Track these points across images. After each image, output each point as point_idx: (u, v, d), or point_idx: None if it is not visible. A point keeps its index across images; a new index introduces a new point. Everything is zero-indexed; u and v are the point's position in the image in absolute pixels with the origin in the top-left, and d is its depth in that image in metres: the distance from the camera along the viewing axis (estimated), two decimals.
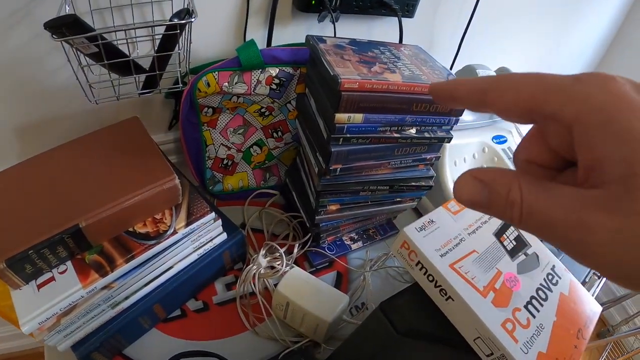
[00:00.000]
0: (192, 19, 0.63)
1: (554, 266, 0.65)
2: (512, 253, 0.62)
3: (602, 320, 2.63)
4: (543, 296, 0.59)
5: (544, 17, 1.43)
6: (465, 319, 0.52)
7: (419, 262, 0.55)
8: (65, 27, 0.55)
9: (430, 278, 0.54)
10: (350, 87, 0.62)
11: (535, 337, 0.52)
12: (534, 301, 0.57)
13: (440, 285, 0.53)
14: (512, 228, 0.66)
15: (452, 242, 0.58)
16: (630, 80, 0.23)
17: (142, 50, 0.80)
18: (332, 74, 0.62)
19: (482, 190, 0.26)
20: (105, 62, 0.61)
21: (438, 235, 0.58)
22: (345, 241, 0.95)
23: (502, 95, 0.26)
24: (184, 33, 0.66)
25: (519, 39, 1.46)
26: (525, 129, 1.07)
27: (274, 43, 0.91)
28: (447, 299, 0.53)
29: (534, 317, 0.55)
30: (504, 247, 0.62)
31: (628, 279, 0.22)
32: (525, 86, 0.25)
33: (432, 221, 0.60)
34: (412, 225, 0.58)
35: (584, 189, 0.22)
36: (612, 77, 0.23)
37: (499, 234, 0.64)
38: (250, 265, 0.81)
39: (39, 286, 0.58)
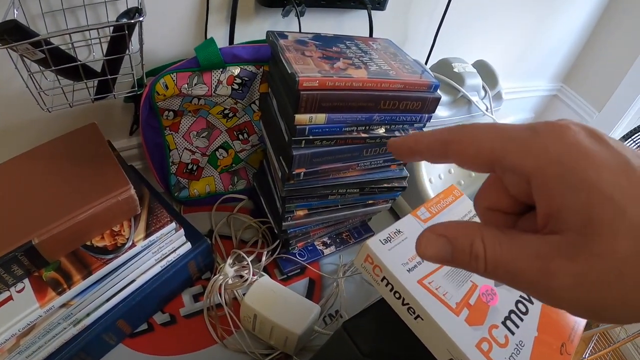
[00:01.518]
0: (141, 19, 0.62)
1: None
2: None
3: None
4: (523, 309, 0.58)
5: (522, 8, 1.46)
6: (436, 339, 0.51)
7: (384, 278, 0.54)
8: (7, 33, 0.55)
9: (397, 295, 0.53)
10: (310, 86, 0.62)
11: (514, 357, 0.51)
12: (512, 316, 0.56)
13: (407, 303, 0.52)
14: None
15: None
16: (583, 126, 0.26)
17: (99, 53, 0.79)
18: (290, 71, 0.62)
19: (445, 246, 0.28)
20: (53, 68, 0.60)
21: (406, 247, 0.56)
22: (317, 246, 0.96)
23: (463, 149, 0.28)
24: (135, 34, 0.65)
25: (496, 31, 1.48)
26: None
27: (237, 40, 0.91)
28: (416, 318, 0.51)
29: (512, 334, 0.54)
30: None
31: (593, 315, 0.24)
32: (485, 140, 0.27)
33: (399, 231, 0.58)
34: (377, 237, 0.56)
35: (544, 235, 0.25)
36: (567, 126, 0.25)
37: None
38: (217, 276, 0.82)
39: None
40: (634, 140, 1.68)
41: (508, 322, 0.55)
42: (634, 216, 0.22)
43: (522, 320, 0.56)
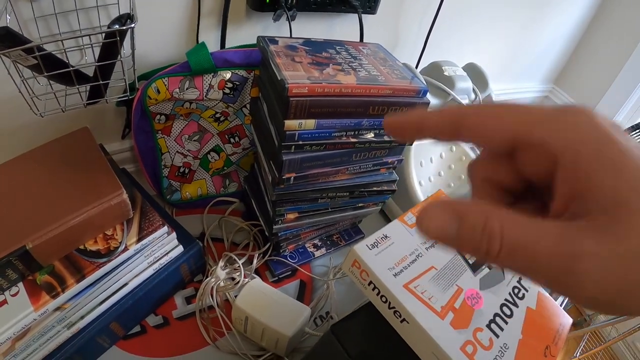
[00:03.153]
0: (132, 25, 0.63)
1: (520, 278, 0.65)
2: (475, 267, 0.62)
3: (578, 310, 2.69)
4: (508, 312, 0.59)
5: (513, 10, 1.47)
6: (422, 342, 0.52)
7: (371, 282, 0.55)
8: None
9: (384, 299, 0.54)
10: (299, 92, 0.63)
11: (498, 359, 0.52)
12: (497, 319, 0.57)
13: (394, 307, 0.53)
14: None
15: (408, 259, 0.58)
16: (604, 115, 0.25)
17: (91, 58, 0.80)
18: (279, 77, 0.63)
19: (452, 220, 0.24)
20: (45, 73, 0.61)
21: (392, 252, 0.58)
22: (308, 248, 0.98)
23: (482, 121, 0.27)
24: (127, 39, 0.66)
25: (487, 34, 1.49)
26: None
27: (228, 45, 0.92)
28: (402, 321, 0.53)
29: (497, 336, 0.55)
30: (466, 261, 0.62)
31: (613, 301, 0.23)
32: (509, 114, 0.26)
33: (386, 236, 0.59)
34: (364, 243, 0.58)
35: (566, 220, 0.24)
36: (595, 112, 0.24)
37: None
38: (209, 278, 0.83)
39: None
40: None
41: (493, 325, 0.56)
42: None
43: (506, 323, 0.57)
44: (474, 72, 1.14)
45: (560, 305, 0.68)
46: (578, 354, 2.33)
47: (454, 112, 0.28)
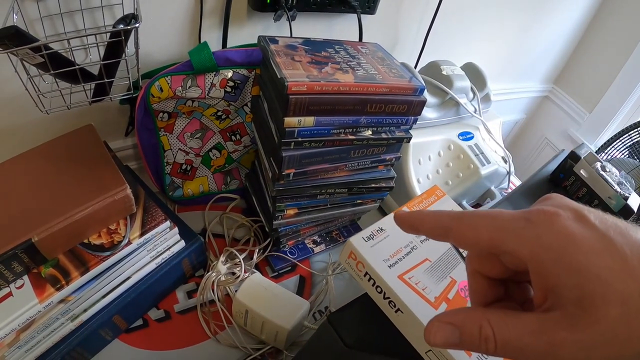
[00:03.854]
0: (137, 25, 0.64)
1: None
2: None
3: None
4: None
5: (512, 10, 1.47)
6: (416, 331, 0.53)
7: (366, 273, 0.56)
8: (7, 38, 0.57)
9: (379, 290, 0.55)
10: (298, 90, 0.64)
11: None
12: None
13: (388, 297, 0.54)
14: None
15: (403, 251, 0.59)
16: (572, 209, 0.30)
17: (96, 57, 0.82)
18: (279, 76, 0.64)
19: (453, 332, 0.31)
20: (52, 72, 0.63)
21: (387, 244, 0.59)
22: (307, 244, 0.99)
23: (463, 235, 0.33)
24: (131, 39, 0.68)
25: (486, 33, 1.50)
26: (491, 126, 1.11)
27: (230, 44, 0.94)
28: (396, 311, 0.54)
29: None
30: (460, 253, 0.63)
31: None
32: (484, 230, 0.32)
33: (381, 229, 0.60)
34: (359, 235, 0.59)
35: (543, 312, 0.29)
36: (556, 214, 0.30)
37: None
38: (210, 273, 0.84)
39: None
40: (623, 141, 1.70)
41: None
42: (619, 289, 0.26)
43: None
44: (472, 72, 1.15)
45: None
46: None
47: (443, 223, 0.34)
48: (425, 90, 0.75)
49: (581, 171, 1.00)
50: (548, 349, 0.27)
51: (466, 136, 1.14)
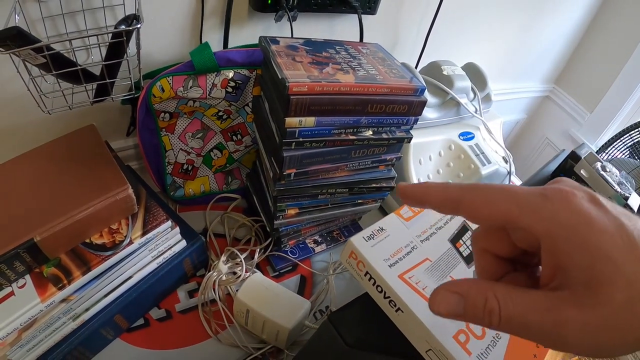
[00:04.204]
0: (139, 26, 0.64)
1: None
2: (469, 260, 0.63)
3: None
4: None
5: (513, 10, 1.47)
6: (416, 330, 0.53)
7: (367, 273, 0.56)
8: (10, 39, 0.57)
9: (379, 289, 0.55)
10: (299, 91, 0.64)
11: (490, 348, 0.53)
12: None
13: (389, 297, 0.54)
14: (469, 233, 0.67)
15: (403, 251, 0.59)
16: (586, 192, 0.30)
17: (97, 57, 0.82)
18: (280, 77, 0.64)
19: (458, 302, 0.30)
20: (54, 72, 0.63)
21: (388, 244, 0.59)
22: (308, 244, 0.99)
23: (476, 208, 0.32)
24: (132, 39, 0.68)
25: (487, 33, 1.50)
26: (492, 126, 1.11)
27: (231, 44, 0.94)
28: (396, 311, 0.54)
29: None
30: (460, 253, 0.63)
31: (598, 354, 0.28)
32: (499, 202, 0.31)
33: (382, 229, 0.61)
34: (360, 235, 0.59)
35: (551, 290, 0.29)
36: (572, 193, 0.29)
37: (454, 239, 0.65)
38: (211, 272, 0.84)
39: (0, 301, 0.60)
40: (623, 141, 1.70)
41: None
42: (628, 271, 0.26)
43: None
44: (473, 72, 1.15)
45: None
46: None
47: (453, 195, 0.32)
48: (426, 90, 0.75)
49: (581, 171, 1.01)
50: (553, 327, 0.27)
51: (467, 136, 1.14)
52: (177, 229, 0.76)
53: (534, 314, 0.28)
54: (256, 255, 0.92)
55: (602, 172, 0.99)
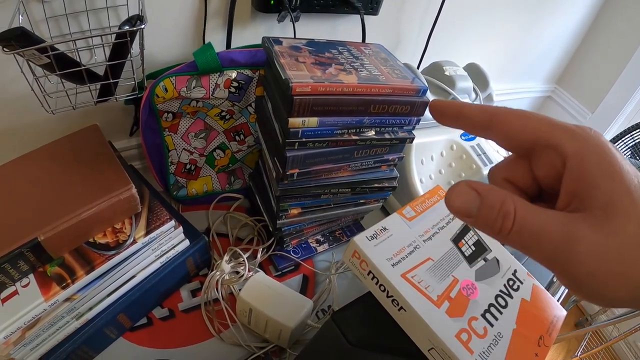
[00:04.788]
0: (142, 26, 0.65)
1: (515, 271, 0.67)
2: (471, 259, 0.64)
3: (580, 310, 2.70)
4: (502, 303, 0.60)
5: (513, 11, 1.47)
6: (418, 329, 0.53)
7: (370, 272, 0.56)
8: (14, 40, 0.57)
9: (382, 288, 0.55)
10: (302, 91, 0.64)
11: (492, 347, 0.53)
12: (492, 309, 0.58)
13: (392, 296, 0.54)
14: (471, 233, 0.67)
15: (406, 250, 0.59)
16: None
17: (101, 57, 0.82)
18: (283, 77, 0.64)
19: (474, 199, 0.29)
20: (57, 72, 0.63)
21: (390, 244, 0.59)
22: (310, 244, 0.99)
23: (510, 121, 0.32)
24: (136, 40, 0.68)
25: (489, 34, 1.50)
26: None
27: (234, 45, 0.94)
28: (399, 309, 0.54)
29: (491, 325, 0.56)
30: (462, 253, 0.63)
31: (598, 293, 0.28)
32: (533, 119, 0.31)
33: (384, 229, 0.61)
34: (363, 234, 0.59)
35: (568, 212, 0.29)
36: (600, 133, 0.30)
37: (456, 239, 0.65)
38: (214, 272, 0.84)
39: (3, 300, 0.60)
40: (625, 141, 1.71)
41: (487, 315, 0.57)
42: None
43: (501, 313, 0.58)
44: (475, 72, 1.16)
45: (558, 300, 0.69)
46: (579, 353, 2.34)
47: (489, 109, 0.33)
48: (428, 90, 0.76)
49: None
50: (565, 241, 0.27)
51: (468, 136, 1.14)
52: (180, 228, 0.77)
53: (548, 224, 0.28)
54: (259, 255, 0.92)
55: None
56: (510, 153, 0.35)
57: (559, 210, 0.30)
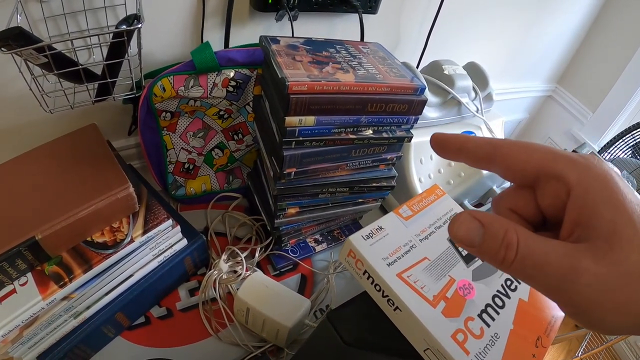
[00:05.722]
0: (140, 25, 0.65)
1: None
2: (468, 259, 0.63)
3: None
4: (500, 303, 0.60)
5: (513, 10, 1.47)
6: (414, 330, 0.53)
7: (365, 272, 0.56)
8: (12, 39, 0.57)
9: (378, 288, 0.55)
10: (299, 90, 0.64)
11: (489, 348, 0.53)
12: (489, 309, 0.58)
13: (387, 296, 0.54)
14: None
15: (402, 250, 0.59)
16: (612, 167, 0.31)
17: (99, 57, 0.82)
18: (280, 76, 0.65)
19: (478, 229, 0.30)
20: (55, 72, 0.63)
21: (386, 243, 0.59)
22: (309, 243, 1.00)
23: (514, 154, 0.32)
24: (134, 39, 0.68)
25: (489, 33, 1.50)
26: (493, 126, 1.11)
27: (232, 44, 0.94)
28: (395, 309, 0.54)
29: (488, 326, 0.56)
30: (459, 252, 0.63)
31: (601, 322, 0.28)
32: (537, 151, 0.31)
33: (380, 228, 0.61)
34: (359, 233, 0.59)
35: (571, 242, 0.29)
36: (605, 162, 0.31)
37: None
38: (212, 271, 0.85)
39: (1, 299, 0.61)
40: (625, 141, 1.71)
41: (484, 315, 0.57)
42: None
43: (498, 313, 0.58)
44: (474, 71, 1.16)
45: None
46: (580, 353, 2.33)
47: (491, 142, 0.33)
48: (427, 89, 0.76)
49: None
50: (569, 273, 0.27)
51: None
52: (178, 227, 0.77)
53: (551, 255, 0.28)
54: (257, 254, 0.93)
55: None
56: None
57: (562, 239, 0.30)
